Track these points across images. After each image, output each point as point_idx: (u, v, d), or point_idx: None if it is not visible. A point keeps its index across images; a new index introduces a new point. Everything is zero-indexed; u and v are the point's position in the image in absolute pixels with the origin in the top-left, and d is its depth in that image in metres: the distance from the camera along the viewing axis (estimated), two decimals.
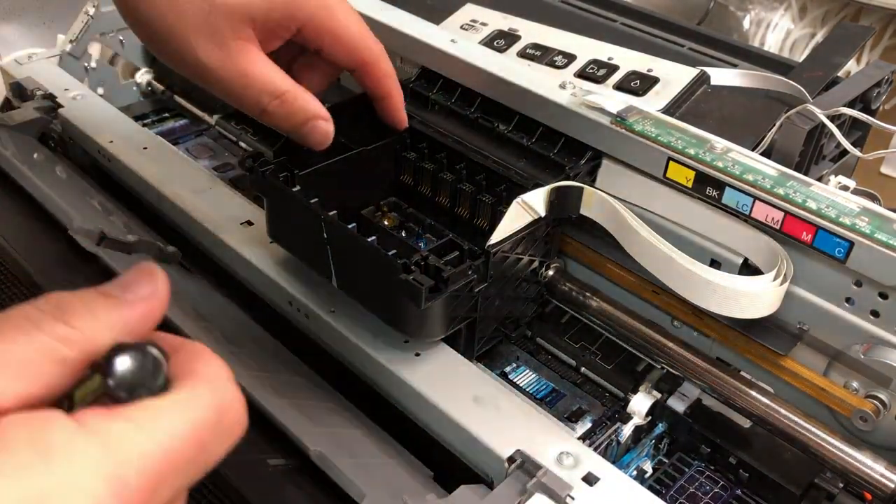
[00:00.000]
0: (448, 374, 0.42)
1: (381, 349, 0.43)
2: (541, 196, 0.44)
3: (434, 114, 0.53)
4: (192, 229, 0.52)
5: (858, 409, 0.41)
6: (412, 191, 0.52)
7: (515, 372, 0.49)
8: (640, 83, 0.51)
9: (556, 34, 0.57)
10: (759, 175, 0.41)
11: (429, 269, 0.41)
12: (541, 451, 0.37)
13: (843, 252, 0.38)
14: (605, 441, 0.45)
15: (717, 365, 0.44)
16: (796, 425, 0.41)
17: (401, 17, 0.56)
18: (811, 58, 0.54)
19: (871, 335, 0.40)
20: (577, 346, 0.50)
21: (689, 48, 0.57)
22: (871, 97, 0.51)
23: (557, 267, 0.49)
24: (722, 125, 0.47)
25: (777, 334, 0.43)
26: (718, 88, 0.51)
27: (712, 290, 0.40)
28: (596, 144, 0.46)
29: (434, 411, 0.40)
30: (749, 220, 0.41)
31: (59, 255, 0.51)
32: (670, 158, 0.43)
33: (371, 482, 0.37)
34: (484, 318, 0.45)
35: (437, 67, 0.53)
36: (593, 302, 0.48)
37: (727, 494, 0.45)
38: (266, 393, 0.41)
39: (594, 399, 0.48)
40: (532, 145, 0.48)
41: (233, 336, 0.47)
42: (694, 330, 0.46)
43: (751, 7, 1.10)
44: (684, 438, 0.46)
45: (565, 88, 0.47)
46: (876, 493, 0.39)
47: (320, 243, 0.43)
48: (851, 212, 0.39)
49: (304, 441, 0.39)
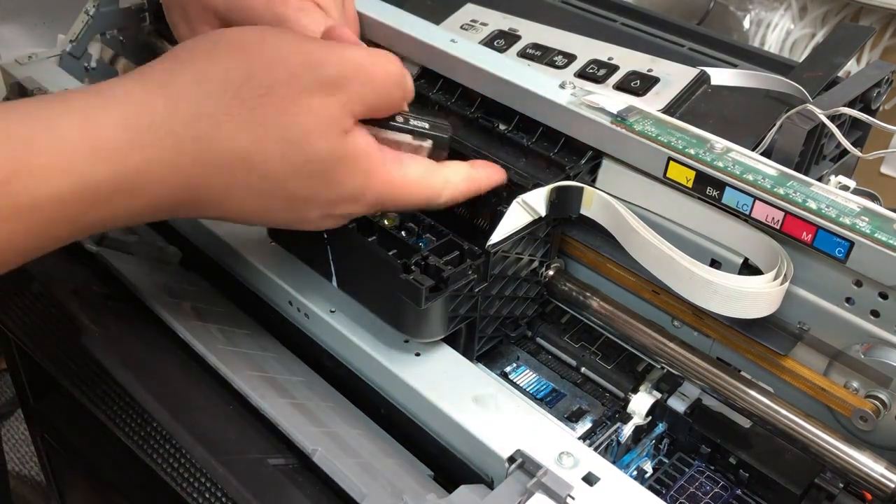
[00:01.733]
0: (448, 374, 0.42)
1: (381, 349, 0.43)
2: (541, 196, 0.44)
3: (434, 114, 0.53)
4: (192, 229, 0.52)
5: (858, 409, 0.41)
6: None
7: (515, 372, 0.49)
8: (640, 83, 0.51)
9: (556, 34, 0.57)
10: (759, 175, 0.41)
11: (429, 269, 0.41)
12: (541, 451, 0.37)
13: (843, 252, 0.38)
14: (606, 441, 0.45)
15: (717, 365, 0.44)
16: (796, 425, 0.41)
17: (401, 17, 0.55)
18: (811, 58, 0.54)
19: (871, 335, 0.40)
20: (577, 346, 0.50)
21: (689, 48, 0.57)
22: (871, 97, 0.51)
23: (557, 267, 0.49)
24: (722, 125, 0.47)
25: (777, 334, 0.43)
26: (718, 88, 0.51)
27: (713, 290, 0.40)
28: (596, 144, 0.46)
29: (434, 411, 0.40)
30: (749, 220, 0.41)
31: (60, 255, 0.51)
32: (670, 158, 0.43)
33: (371, 482, 0.37)
34: (484, 318, 0.45)
35: (437, 67, 0.53)
36: (593, 302, 0.48)
37: (727, 494, 0.45)
38: (266, 393, 0.41)
39: (594, 399, 0.48)
40: (532, 145, 0.48)
41: (233, 336, 0.47)
42: (694, 330, 0.46)
43: (751, 7, 1.10)
44: (684, 438, 0.46)
45: (565, 88, 0.47)
46: (876, 493, 0.39)
47: (320, 243, 0.43)
48: (851, 212, 0.39)
49: (304, 441, 0.39)
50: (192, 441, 0.39)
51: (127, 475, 0.51)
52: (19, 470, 1.06)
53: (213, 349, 0.43)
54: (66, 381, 0.46)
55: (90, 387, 0.45)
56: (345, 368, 0.45)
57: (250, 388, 0.41)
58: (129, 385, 0.42)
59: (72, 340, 0.45)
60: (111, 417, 0.44)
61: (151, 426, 0.43)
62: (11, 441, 1.10)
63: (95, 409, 0.45)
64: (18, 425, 1.11)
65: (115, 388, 0.44)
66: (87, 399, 0.45)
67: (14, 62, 0.68)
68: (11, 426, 1.11)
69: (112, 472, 0.54)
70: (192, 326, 0.45)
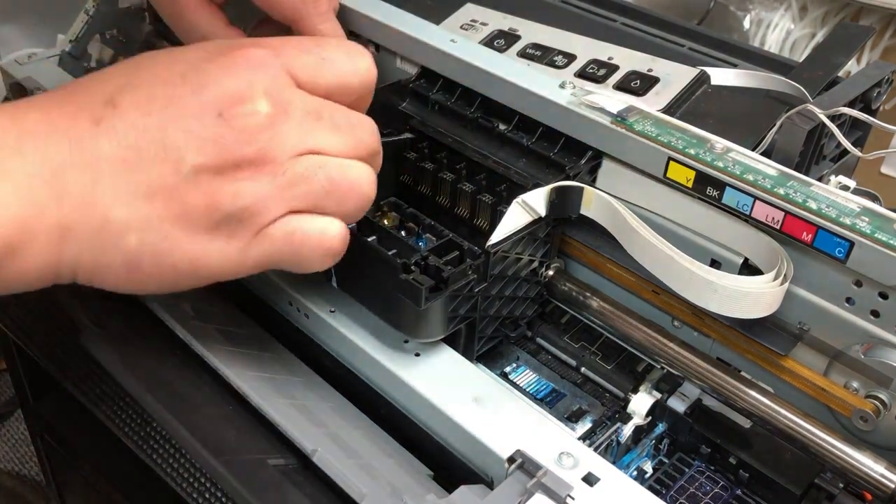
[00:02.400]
0: (448, 374, 0.42)
1: (380, 349, 0.43)
2: (541, 196, 0.44)
3: (434, 114, 0.53)
4: None
5: (859, 409, 0.41)
6: (412, 190, 0.52)
7: (515, 372, 0.49)
8: (640, 83, 0.51)
9: (556, 34, 0.57)
10: (759, 175, 0.41)
11: (429, 269, 0.41)
12: (541, 451, 0.37)
13: (843, 252, 0.38)
14: (605, 441, 0.45)
15: (717, 365, 0.44)
16: (796, 425, 0.41)
17: (401, 16, 0.55)
18: (811, 58, 0.54)
19: (872, 335, 0.40)
20: (577, 346, 0.50)
21: (689, 48, 0.57)
22: (872, 97, 0.51)
23: (557, 267, 0.49)
24: (722, 125, 0.47)
25: (777, 334, 0.43)
26: (718, 88, 0.51)
27: (713, 290, 0.40)
28: (596, 144, 0.46)
29: (434, 411, 0.40)
30: (749, 220, 0.41)
31: None
32: (670, 158, 0.43)
33: (371, 482, 0.37)
34: (484, 319, 0.45)
35: (437, 67, 0.53)
36: (593, 302, 0.48)
37: (727, 494, 0.45)
38: (266, 393, 0.41)
39: (594, 399, 0.48)
40: (532, 145, 0.48)
41: (233, 336, 0.47)
42: (694, 330, 0.46)
43: (751, 7, 1.10)
44: (684, 438, 0.46)
45: (565, 88, 0.47)
46: (876, 493, 0.39)
47: None
48: (852, 212, 0.39)
49: (304, 441, 0.39)
50: (192, 441, 0.39)
51: (127, 475, 0.51)
52: (19, 470, 1.06)
53: (212, 349, 0.43)
54: (66, 381, 0.46)
55: (90, 387, 0.45)
56: (345, 368, 0.45)
57: (250, 388, 0.41)
58: (128, 385, 0.42)
59: (72, 340, 0.45)
60: (111, 417, 0.44)
61: (151, 426, 0.43)
62: (11, 441, 1.10)
63: (95, 409, 0.45)
64: (18, 425, 1.11)
65: (114, 388, 0.44)
66: (87, 399, 0.45)
67: (14, 62, 0.68)
68: (11, 426, 1.11)
69: (112, 472, 0.54)
70: (192, 326, 0.45)
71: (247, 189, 0.35)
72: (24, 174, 0.32)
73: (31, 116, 0.34)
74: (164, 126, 0.34)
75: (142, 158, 0.34)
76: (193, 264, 0.36)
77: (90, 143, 0.33)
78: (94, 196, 0.33)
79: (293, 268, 0.39)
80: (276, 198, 0.36)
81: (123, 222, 0.34)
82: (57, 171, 0.33)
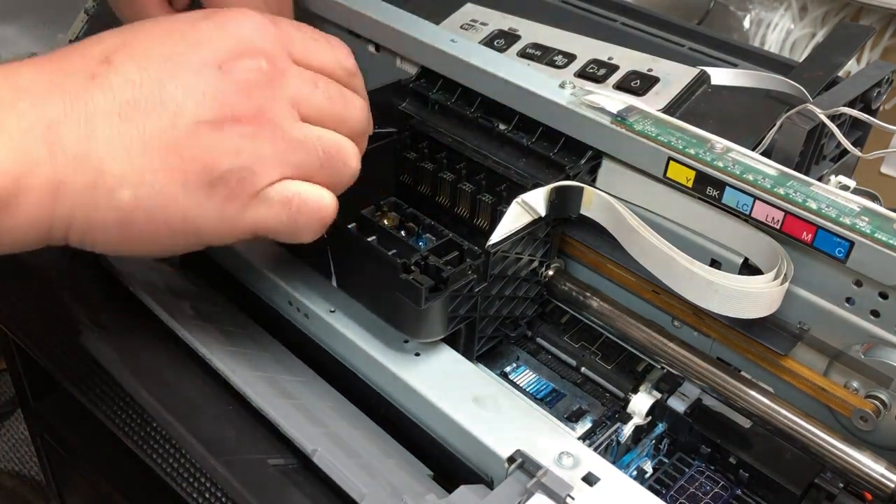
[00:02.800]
0: (448, 374, 0.42)
1: (380, 349, 0.43)
2: (541, 196, 0.44)
3: (434, 114, 0.53)
4: None
5: (859, 409, 0.41)
6: (412, 191, 0.52)
7: (515, 372, 0.49)
8: (640, 83, 0.51)
9: (556, 34, 0.57)
10: (759, 175, 0.41)
11: (429, 268, 0.41)
12: (541, 451, 0.37)
13: (843, 252, 0.38)
14: (605, 441, 0.45)
15: (717, 365, 0.44)
16: (796, 425, 0.41)
17: (401, 16, 0.55)
18: (811, 58, 0.54)
19: (872, 335, 0.40)
20: (577, 346, 0.50)
21: (689, 48, 0.57)
22: (872, 97, 0.51)
23: (557, 267, 0.49)
24: (722, 125, 0.47)
25: (777, 334, 0.43)
26: (718, 88, 0.51)
27: (713, 290, 0.40)
28: (596, 144, 0.46)
29: (434, 411, 0.40)
30: (749, 219, 0.41)
31: (60, 254, 0.51)
32: (670, 158, 0.43)
33: (371, 482, 0.37)
34: (484, 318, 0.45)
35: (437, 67, 0.53)
36: (593, 302, 0.48)
37: (727, 494, 0.45)
38: (266, 393, 0.41)
39: (594, 399, 0.48)
40: (532, 145, 0.48)
41: (233, 336, 0.47)
42: (694, 330, 0.46)
43: (751, 7, 1.10)
44: (684, 438, 0.46)
45: (565, 88, 0.47)
46: (876, 493, 0.39)
47: (320, 243, 0.43)
48: (851, 212, 0.39)
49: (304, 441, 0.39)
50: (192, 441, 0.39)
51: (127, 475, 0.51)
52: (19, 470, 1.06)
53: (213, 349, 0.43)
54: (66, 381, 0.46)
55: (90, 387, 0.45)
56: (345, 368, 0.45)
57: (250, 388, 0.41)
58: (128, 385, 0.42)
59: (72, 340, 0.45)
60: (111, 417, 0.44)
61: (151, 426, 0.43)
62: (11, 441, 1.10)
63: (95, 409, 0.45)
64: (18, 425, 1.11)
65: (114, 388, 0.44)
66: (86, 399, 0.45)
67: None
68: (11, 426, 1.11)
69: (112, 472, 0.54)
70: (192, 326, 0.45)
71: (246, 147, 0.35)
72: (18, 129, 0.32)
73: (25, 74, 0.33)
74: (162, 79, 0.34)
75: (138, 111, 0.33)
76: (187, 223, 0.35)
77: (84, 97, 0.33)
78: (88, 150, 0.33)
79: (284, 236, 0.38)
80: (274, 160, 0.35)
81: (118, 176, 0.33)
82: (51, 125, 0.32)
